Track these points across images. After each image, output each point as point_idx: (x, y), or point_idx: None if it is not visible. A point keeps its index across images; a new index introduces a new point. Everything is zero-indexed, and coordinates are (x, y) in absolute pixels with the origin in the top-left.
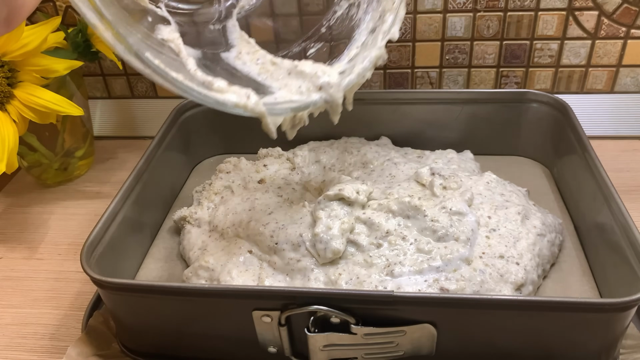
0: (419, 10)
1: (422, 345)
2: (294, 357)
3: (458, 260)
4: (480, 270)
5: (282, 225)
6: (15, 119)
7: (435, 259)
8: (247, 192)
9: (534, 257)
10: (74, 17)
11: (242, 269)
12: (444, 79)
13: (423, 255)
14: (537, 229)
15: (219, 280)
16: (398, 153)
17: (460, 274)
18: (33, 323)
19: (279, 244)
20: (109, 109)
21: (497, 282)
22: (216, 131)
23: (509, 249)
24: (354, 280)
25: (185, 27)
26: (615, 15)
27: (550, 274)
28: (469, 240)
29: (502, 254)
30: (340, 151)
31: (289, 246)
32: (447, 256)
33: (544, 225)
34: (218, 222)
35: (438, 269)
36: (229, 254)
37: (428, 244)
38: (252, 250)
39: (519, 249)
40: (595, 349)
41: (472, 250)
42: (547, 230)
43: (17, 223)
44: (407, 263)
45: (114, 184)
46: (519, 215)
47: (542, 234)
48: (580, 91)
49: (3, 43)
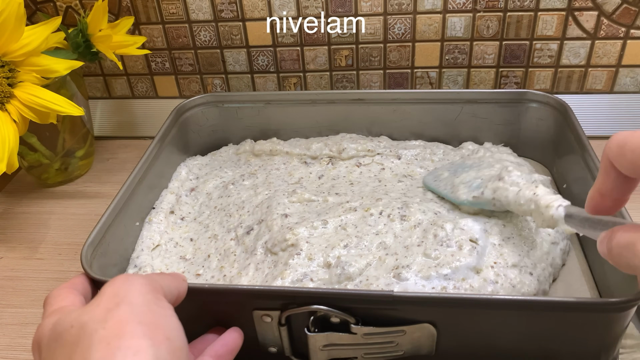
0: (419, 10)
1: (422, 345)
2: (294, 356)
3: (466, 269)
4: (491, 281)
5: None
6: (15, 119)
7: (443, 266)
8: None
9: (547, 266)
10: (74, 17)
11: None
12: (443, 79)
13: (430, 261)
14: (552, 236)
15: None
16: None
17: (469, 284)
18: (33, 323)
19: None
20: (109, 109)
21: (508, 293)
22: (216, 131)
23: (522, 258)
24: (364, 282)
25: None
26: (614, 15)
27: None
28: (474, 249)
29: (516, 263)
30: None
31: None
32: (454, 264)
33: (557, 233)
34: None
35: (446, 277)
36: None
37: (435, 250)
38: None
39: (532, 258)
40: (595, 349)
41: (482, 259)
42: (559, 238)
43: (17, 223)
44: (415, 267)
45: (114, 184)
46: (533, 223)
47: (556, 242)
48: (580, 91)
49: (3, 43)
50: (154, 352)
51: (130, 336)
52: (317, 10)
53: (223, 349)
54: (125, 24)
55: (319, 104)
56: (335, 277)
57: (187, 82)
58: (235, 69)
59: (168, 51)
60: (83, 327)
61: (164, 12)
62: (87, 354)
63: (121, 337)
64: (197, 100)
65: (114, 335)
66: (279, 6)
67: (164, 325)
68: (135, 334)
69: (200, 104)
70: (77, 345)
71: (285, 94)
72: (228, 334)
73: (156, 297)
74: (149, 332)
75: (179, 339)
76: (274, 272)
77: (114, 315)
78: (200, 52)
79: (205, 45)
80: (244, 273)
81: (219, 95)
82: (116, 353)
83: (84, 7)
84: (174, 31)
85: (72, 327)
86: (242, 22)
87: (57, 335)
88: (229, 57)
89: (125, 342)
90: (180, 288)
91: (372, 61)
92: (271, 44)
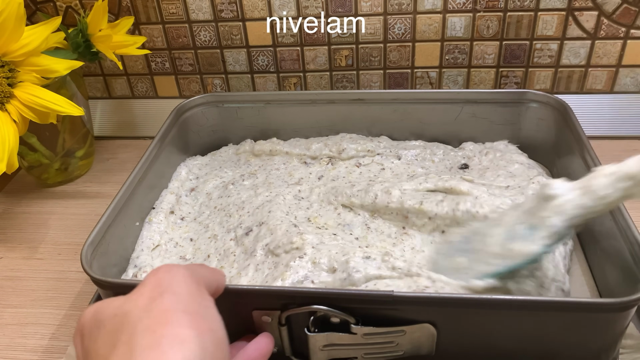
0: (419, 10)
1: (422, 345)
2: (294, 356)
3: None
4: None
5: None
6: (15, 119)
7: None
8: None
9: (565, 273)
10: (74, 17)
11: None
12: (443, 79)
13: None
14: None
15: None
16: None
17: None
18: (33, 323)
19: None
20: (109, 109)
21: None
22: (216, 131)
23: (557, 271)
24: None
25: None
26: (614, 15)
27: None
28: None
29: (554, 276)
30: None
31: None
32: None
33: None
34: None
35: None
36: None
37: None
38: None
39: (561, 268)
40: (595, 349)
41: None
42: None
43: (17, 223)
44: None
45: (114, 184)
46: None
47: (565, 242)
48: (580, 91)
49: (3, 43)
50: (199, 342)
51: (176, 325)
52: (317, 10)
53: (256, 352)
54: (125, 24)
55: (319, 104)
56: (339, 282)
57: (187, 82)
58: (235, 69)
59: (168, 51)
60: (126, 315)
61: (164, 12)
62: (132, 342)
63: (166, 325)
64: (197, 100)
65: (159, 323)
66: (279, 6)
67: (208, 316)
68: (181, 323)
69: (200, 104)
70: (120, 332)
71: (285, 94)
72: (260, 338)
73: (198, 289)
74: (194, 322)
75: (221, 330)
76: (274, 273)
77: (159, 304)
78: (200, 52)
79: (205, 45)
80: (243, 273)
81: (219, 95)
82: (162, 341)
83: (84, 7)
84: (174, 31)
85: (115, 315)
86: (242, 22)
87: (99, 323)
88: (229, 57)
89: (172, 330)
90: (219, 282)
91: (372, 61)
92: (271, 44)
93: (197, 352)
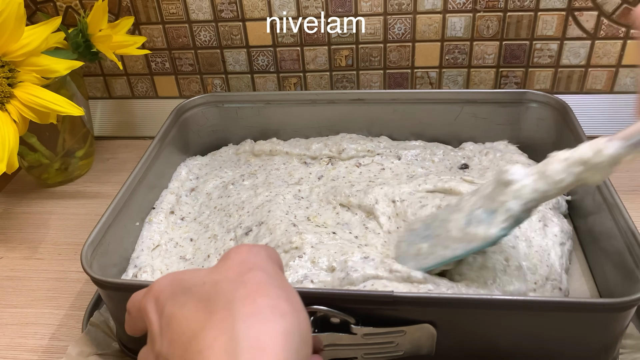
0: (419, 10)
1: (422, 345)
2: None
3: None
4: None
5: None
6: (15, 119)
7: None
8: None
9: (563, 272)
10: (74, 17)
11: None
12: (443, 79)
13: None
14: (558, 237)
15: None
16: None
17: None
18: (33, 323)
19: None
20: (109, 109)
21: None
22: (216, 131)
23: (552, 271)
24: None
25: None
26: (614, 15)
27: None
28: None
29: (548, 275)
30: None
31: None
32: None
33: (562, 233)
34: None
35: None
36: None
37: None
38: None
39: (557, 268)
40: (595, 349)
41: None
42: (565, 237)
43: (17, 223)
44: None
45: (114, 184)
46: (539, 223)
47: (563, 242)
48: (580, 91)
49: (3, 43)
50: (296, 318)
51: (274, 297)
52: (317, 10)
53: None
54: (125, 24)
55: (319, 104)
56: (337, 281)
57: (187, 82)
58: (235, 69)
59: (168, 51)
60: (218, 283)
61: (164, 12)
62: (232, 308)
63: (265, 296)
64: (197, 100)
65: (257, 293)
66: (279, 6)
67: (296, 297)
68: (279, 296)
69: (200, 104)
70: (215, 300)
71: (285, 94)
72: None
73: (280, 269)
74: (290, 299)
75: (305, 312)
76: None
77: (252, 277)
78: (200, 52)
79: (205, 45)
80: None
81: (219, 95)
82: (264, 310)
83: (84, 7)
84: (174, 31)
85: (205, 283)
86: (242, 22)
87: (184, 289)
88: (229, 57)
89: (271, 301)
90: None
91: (372, 61)
92: (271, 44)
93: (295, 327)
